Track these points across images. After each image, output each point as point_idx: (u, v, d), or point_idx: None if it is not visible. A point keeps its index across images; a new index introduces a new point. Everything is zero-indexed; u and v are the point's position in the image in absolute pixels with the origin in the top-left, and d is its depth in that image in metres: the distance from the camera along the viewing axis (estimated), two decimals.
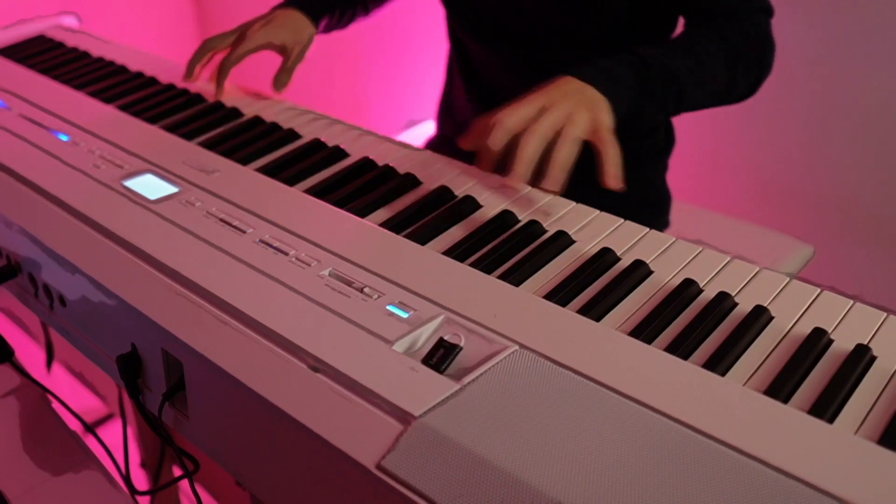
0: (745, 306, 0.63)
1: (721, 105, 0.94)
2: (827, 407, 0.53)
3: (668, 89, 0.83)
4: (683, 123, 1.15)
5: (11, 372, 0.88)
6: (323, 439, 0.51)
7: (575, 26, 0.96)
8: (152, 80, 1.07)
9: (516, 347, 0.57)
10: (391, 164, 0.85)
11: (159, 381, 0.65)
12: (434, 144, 1.22)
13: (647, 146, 1.08)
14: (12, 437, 0.84)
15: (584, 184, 1.02)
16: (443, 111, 1.21)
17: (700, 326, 0.61)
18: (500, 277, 0.66)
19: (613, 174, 0.73)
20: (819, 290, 0.65)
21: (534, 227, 0.73)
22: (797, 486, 0.46)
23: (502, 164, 0.76)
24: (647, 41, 0.93)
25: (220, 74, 0.98)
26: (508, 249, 0.71)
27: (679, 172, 1.14)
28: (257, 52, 1.00)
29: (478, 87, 1.10)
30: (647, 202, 1.11)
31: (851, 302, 0.63)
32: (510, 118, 0.74)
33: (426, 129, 1.87)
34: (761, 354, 0.59)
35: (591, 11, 0.94)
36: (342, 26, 1.12)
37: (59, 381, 1.40)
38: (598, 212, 0.76)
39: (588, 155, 1.05)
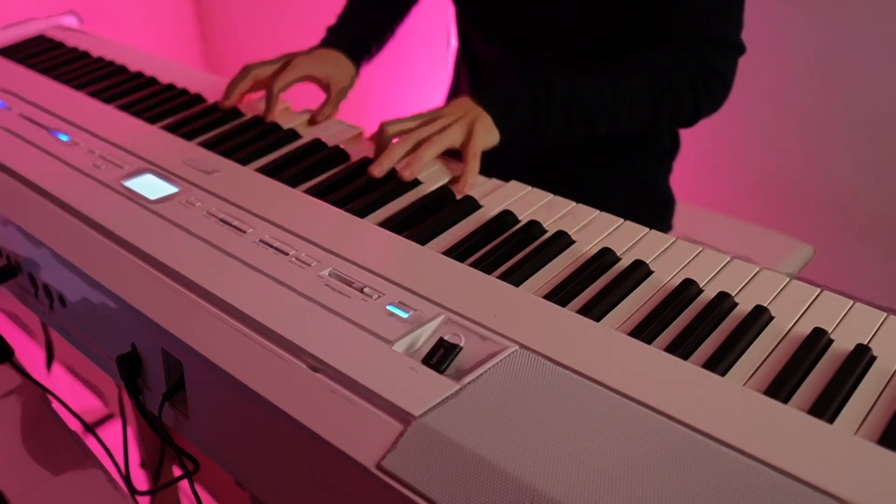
0: (745, 306, 0.63)
1: (657, 128, 0.96)
2: (827, 407, 0.53)
3: (572, 117, 0.88)
4: None
5: (11, 372, 0.88)
6: (323, 439, 0.51)
7: (584, 26, 0.96)
8: (152, 80, 1.07)
9: (516, 347, 0.57)
10: None
11: (159, 381, 0.65)
12: None
13: (652, 150, 1.08)
14: (12, 437, 0.84)
15: (585, 185, 1.02)
16: None
17: (700, 326, 0.61)
18: (500, 277, 0.66)
19: (467, 185, 0.81)
20: (819, 290, 0.65)
21: (534, 227, 0.73)
22: (797, 486, 0.46)
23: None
24: (650, 40, 0.93)
25: (271, 100, 0.96)
26: (508, 249, 0.71)
27: (679, 172, 1.14)
28: (302, 81, 0.99)
29: (484, 86, 1.10)
30: (649, 205, 1.11)
31: (851, 302, 0.63)
32: (391, 127, 0.84)
33: None
34: (761, 354, 0.59)
35: (599, 11, 0.94)
36: (372, 59, 1.13)
37: (59, 381, 1.40)
38: (598, 212, 0.76)
39: (594, 157, 1.06)
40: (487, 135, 0.84)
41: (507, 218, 0.75)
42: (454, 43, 1.16)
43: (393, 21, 1.14)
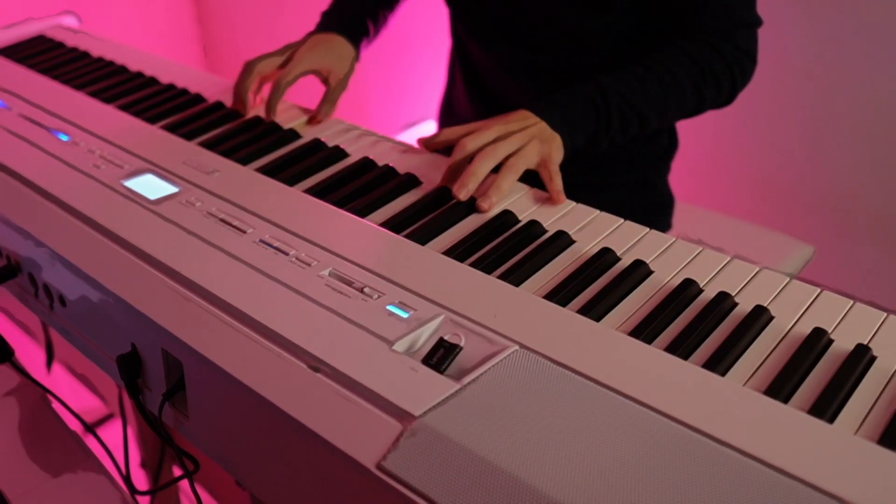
0: (745, 306, 0.63)
1: (698, 115, 0.96)
2: (827, 407, 0.53)
3: (627, 120, 0.88)
4: (683, 123, 1.15)
5: (11, 372, 0.88)
6: (323, 439, 0.51)
7: (578, 29, 0.96)
8: (152, 80, 1.07)
9: (516, 347, 0.57)
10: (391, 164, 0.85)
11: (159, 381, 0.65)
12: None
13: (650, 150, 1.08)
14: (12, 437, 0.84)
15: (585, 185, 1.02)
16: (444, 112, 1.21)
17: (700, 326, 0.61)
18: (500, 277, 0.66)
19: (555, 199, 0.79)
20: (819, 290, 0.65)
21: (534, 227, 0.73)
22: (797, 486, 0.46)
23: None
24: (651, 45, 0.93)
25: (274, 98, 0.96)
26: (508, 249, 0.71)
27: (679, 172, 1.14)
28: (305, 76, 0.99)
29: (479, 88, 1.10)
30: (649, 204, 1.11)
31: (851, 302, 0.63)
32: (472, 143, 0.81)
33: (426, 130, 1.87)
34: (761, 354, 0.59)
35: (594, 14, 0.94)
36: (370, 44, 1.12)
37: (59, 381, 1.40)
38: (598, 212, 0.76)
39: (592, 159, 1.06)
40: (560, 153, 0.83)
41: (507, 218, 0.75)
42: (449, 44, 1.16)
43: (386, 9, 1.13)
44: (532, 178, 0.82)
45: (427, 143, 0.87)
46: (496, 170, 0.80)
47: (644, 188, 1.10)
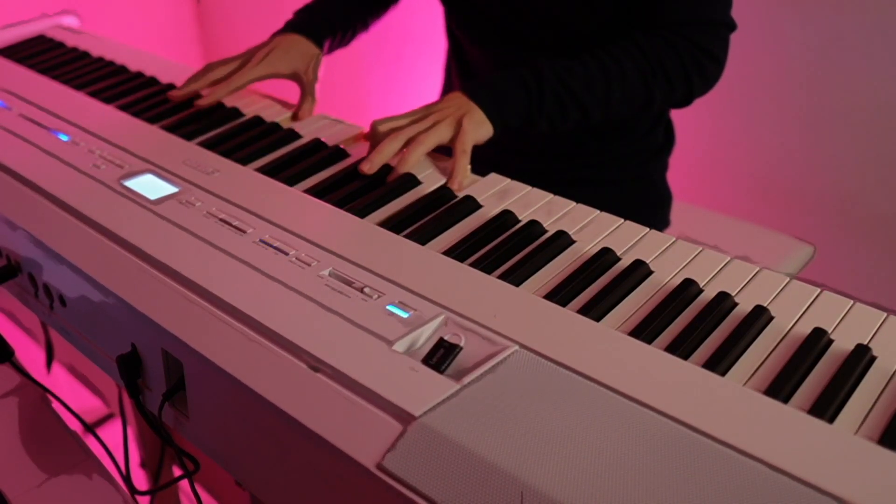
0: (745, 306, 0.63)
1: (651, 111, 0.96)
2: (827, 407, 0.53)
3: (564, 103, 0.88)
4: (683, 123, 1.15)
5: (11, 372, 0.88)
6: (323, 439, 0.51)
7: (571, 26, 0.96)
8: (152, 80, 1.07)
9: (516, 347, 0.57)
10: (391, 164, 0.85)
11: (159, 381, 0.65)
12: None
13: (646, 145, 1.08)
14: (12, 437, 0.84)
15: (584, 183, 1.02)
16: None
17: (700, 326, 0.61)
18: (500, 277, 0.66)
19: (457, 181, 0.81)
20: (819, 290, 0.65)
21: (534, 227, 0.73)
22: (797, 486, 0.46)
23: None
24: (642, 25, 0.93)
25: (217, 94, 0.97)
26: (508, 249, 0.71)
27: (679, 172, 1.14)
28: (261, 81, 0.99)
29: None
30: (647, 201, 1.11)
31: (851, 302, 0.63)
32: (383, 125, 0.85)
33: None
34: (761, 354, 0.59)
35: (586, 12, 0.94)
36: (343, 45, 1.12)
37: (59, 381, 1.40)
38: (598, 212, 0.76)
39: (589, 155, 1.06)
40: (479, 129, 0.84)
41: (507, 218, 0.75)
42: (444, 43, 1.16)
43: (367, 13, 1.13)
44: (529, 178, 0.82)
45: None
46: None
47: (642, 184, 1.10)
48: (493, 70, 1.05)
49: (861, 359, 0.57)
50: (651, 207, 1.11)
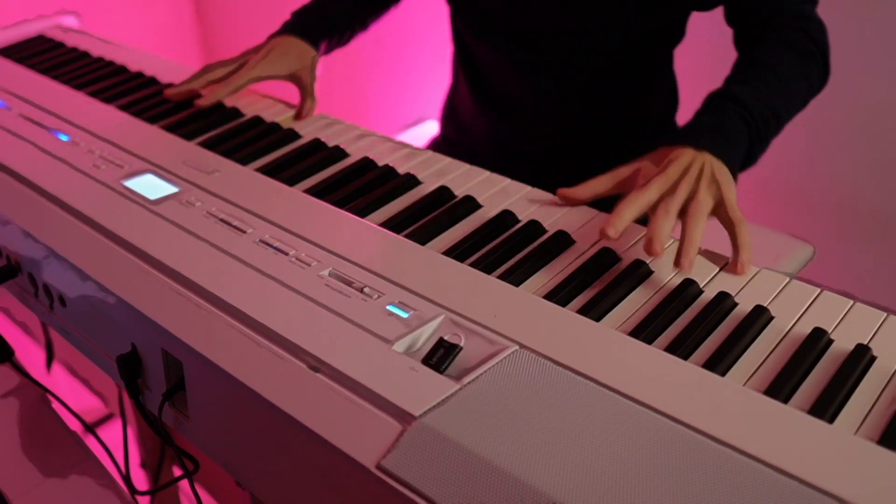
0: (745, 306, 0.63)
1: (804, 107, 0.92)
2: (827, 407, 0.53)
3: (769, 126, 0.81)
4: (683, 122, 1.15)
5: (11, 372, 0.88)
6: (323, 439, 0.51)
7: (582, 29, 0.96)
8: (152, 80, 1.07)
9: (516, 347, 0.57)
10: (391, 164, 0.85)
11: (159, 381, 0.65)
12: (436, 146, 1.22)
13: (653, 150, 1.08)
14: (12, 437, 0.84)
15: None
16: (447, 113, 1.21)
17: (700, 326, 0.61)
18: (500, 277, 0.66)
19: (745, 260, 0.68)
20: (819, 290, 0.65)
21: (534, 227, 0.73)
22: (797, 486, 0.46)
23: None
24: (657, 45, 0.93)
25: (216, 95, 0.97)
26: (508, 249, 0.71)
27: None
28: (259, 82, 0.99)
29: (483, 89, 1.10)
30: None
31: (851, 302, 0.63)
32: (631, 208, 0.70)
33: (426, 129, 1.87)
34: (761, 354, 0.59)
35: (598, 14, 0.94)
36: (342, 45, 1.12)
37: (59, 381, 1.40)
38: (597, 212, 0.76)
39: (591, 156, 1.06)
40: (732, 188, 0.74)
41: (507, 218, 0.75)
42: (451, 46, 1.15)
43: (366, 13, 1.13)
44: (532, 179, 0.82)
45: (569, 197, 0.77)
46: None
47: None
48: (501, 73, 1.05)
49: (861, 359, 0.57)
50: None
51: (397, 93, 2.06)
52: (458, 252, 0.71)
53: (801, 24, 0.89)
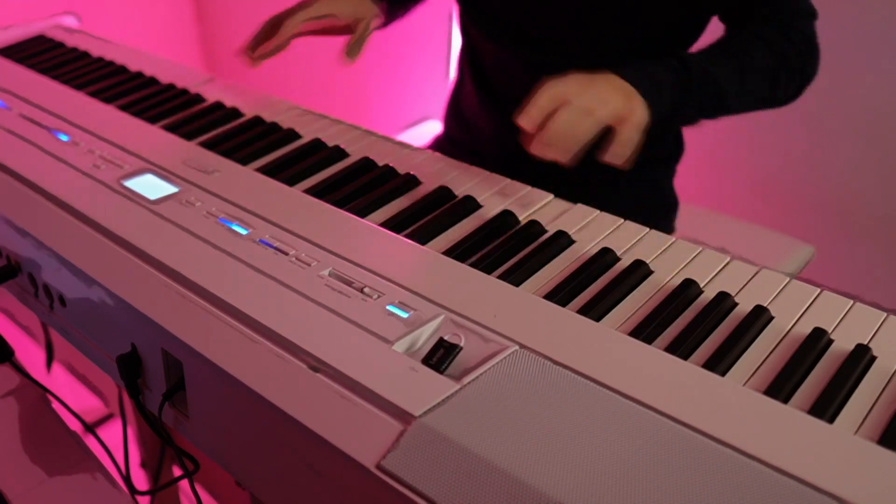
0: (745, 306, 0.63)
1: (761, 110, 0.94)
2: (827, 407, 0.53)
3: (707, 95, 0.84)
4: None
5: (11, 372, 0.88)
6: (323, 439, 0.51)
7: (591, 31, 0.96)
8: (152, 80, 1.07)
9: (516, 347, 0.57)
10: (391, 164, 0.85)
11: (159, 381, 0.65)
12: (439, 145, 1.22)
13: (657, 152, 1.08)
14: (12, 437, 0.84)
15: (589, 185, 1.02)
16: (451, 112, 1.21)
17: (700, 326, 0.61)
18: (500, 277, 0.66)
19: (618, 153, 0.73)
20: (819, 290, 0.65)
21: (534, 227, 0.73)
22: (797, 486, 0.46)
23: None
24: (668, 47, 0.93)
25: (285, 31, 0.92)
26: (508, 249, 0.71)
27: (680, 172, 1.14)
28: (320, 20, 0.95)
29: (488, 89, 1.09)
30: (653, 206, 1.10)
31: (851, 302, 0.63)
32: (552, 89, 0.75)
33: (426, 129, 1.87)
34: (761, 354, 0.59)
35: (608, 16, 0.94)
36: (399, 15, 1.08)
37: (59, 381, 1.40)
38: (598, 212, 0.76)
39: (594, 157, 1.05)
40: (643, 113, 0.77)
41: (507, 218, 0.75)
42: (458, 45, 1.15)
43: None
44: (535, 179, 0.82)
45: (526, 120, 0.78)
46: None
47: (650, 189, 1.10)
48: (508, 73, 1.05)
49: (861, 359, 0.57)
50: (657, 213, 1.11)
51: (398, 93, 2.06)
52: (458, 252, 0.71)
53: (788, 31, 0.89)
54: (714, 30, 1.03)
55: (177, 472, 1.25)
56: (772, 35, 0.89)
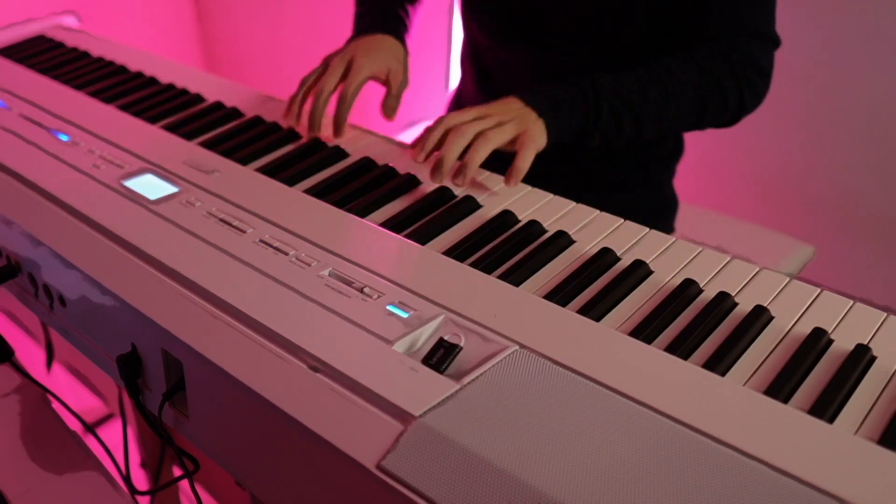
0: (745, 306, 0.63)
1: (699, 129, 0.94)
2: (827, 407, 0.53)
3: (620, 117, 0.86)
4: None
5: (11, 372, 0.88)
6: (323, 439, 0.51)
7: (593, 29, 0.96)
8: (152, 80, 1.07)
9: (516, 347, 0.57)
10: (391, 164, 0.85)
11: (159, 381, 0.65)
12: None
13: (657, 152, 1.08)
14: (12, 437, 0.84)
15: (589, 186, 1.02)
16: (454, 109, 1.21)
17: (700, 326, 0.61)
18: (500, 277, 0.66)
19: (513, 174, 0.79)
20: (819, 290, 0.65)
21: (534, 227, 0.73)
22: (797, 486, 0.46)
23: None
24: (668, 47, 0.92)
25: (342, 110, 0.92)
26: (508, 249, 0.71)
27: (680, 172, 1.14)
28: (365, 83, 0.96)
29: (491, 87, 1.09)
30: (653, 206, 1.11)
31: (851, 302, 0.63)
32: (450, 119, 0.81)
33: None
34: (761, 354, 0.59)
35: (610, 15, 0.94)
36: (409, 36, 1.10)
37: (59, 381, 1.40)
38: (598, 212, 0.76)
39: (596, 159, 1.06)
40: (540, 138, 0.81)
41: (507, 218, 0.75)
42: (459, 45, 1.15)
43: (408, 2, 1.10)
44: (536, 179, 0.82)
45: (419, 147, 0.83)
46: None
47: (649, 188, 1.10)
48: (510, 71, 1.05)
49: (861, 359, 0.57)
50: (657, 213, 1.11)
51: None
52: (458, 252, 0.71)
53: (729, 54, 0.88)
54: None
55: (177, 472, 1.25)
56: (707, 57, 0.88)
